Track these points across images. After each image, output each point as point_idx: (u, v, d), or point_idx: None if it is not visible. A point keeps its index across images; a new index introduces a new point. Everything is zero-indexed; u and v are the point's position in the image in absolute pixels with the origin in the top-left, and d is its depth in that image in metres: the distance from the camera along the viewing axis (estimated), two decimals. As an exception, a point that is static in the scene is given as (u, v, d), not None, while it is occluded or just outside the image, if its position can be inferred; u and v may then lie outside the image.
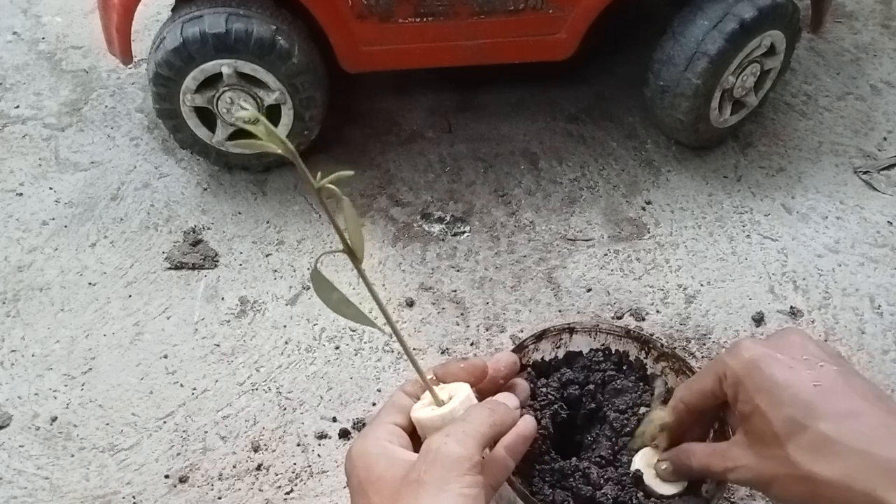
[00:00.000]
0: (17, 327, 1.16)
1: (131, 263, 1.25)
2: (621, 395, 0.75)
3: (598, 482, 0.68)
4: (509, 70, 1.37)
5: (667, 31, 1.29)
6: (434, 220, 1.32)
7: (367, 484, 0.50)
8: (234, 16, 1.18)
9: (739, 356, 0.53)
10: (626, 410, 0.74)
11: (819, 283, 1.23)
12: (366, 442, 0.52)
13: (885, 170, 1.43)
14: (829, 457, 0.47)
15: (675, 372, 0.77)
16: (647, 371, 0.78)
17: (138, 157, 1.43)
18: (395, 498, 0.47)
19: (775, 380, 0.51)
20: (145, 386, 1.09)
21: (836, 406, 0.48)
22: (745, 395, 0.52)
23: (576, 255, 1.27)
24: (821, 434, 0.47)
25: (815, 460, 0.47)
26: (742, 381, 0.52)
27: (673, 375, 0.77)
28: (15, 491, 0.98)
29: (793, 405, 0.49)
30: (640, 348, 0.79)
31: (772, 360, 0.52)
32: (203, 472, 1.00)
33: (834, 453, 0.47)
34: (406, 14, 1.22)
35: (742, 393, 0.52)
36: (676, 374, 0.76)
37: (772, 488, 0.51)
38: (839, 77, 1.62)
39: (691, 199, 1.36)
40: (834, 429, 0.47)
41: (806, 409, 0.49)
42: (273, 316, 1.18)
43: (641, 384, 0.77)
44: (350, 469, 0.52)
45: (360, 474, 0.51)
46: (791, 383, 0.50)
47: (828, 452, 0.47)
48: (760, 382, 0.51)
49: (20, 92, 1.56)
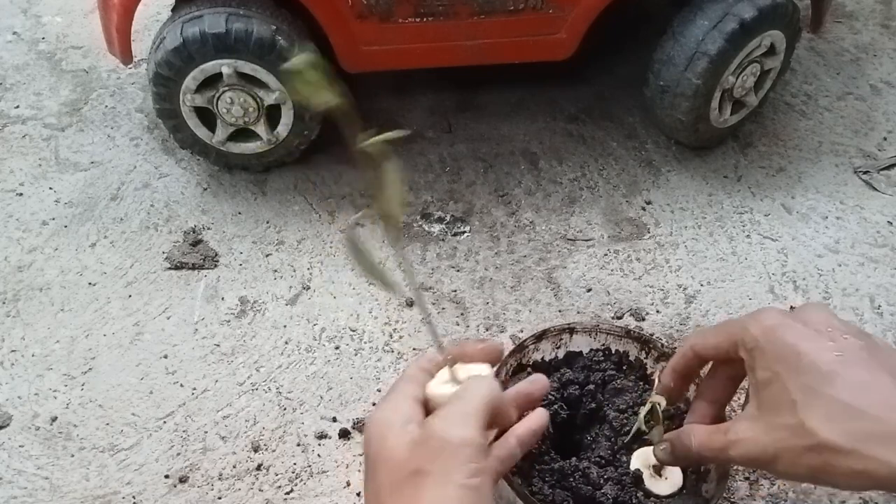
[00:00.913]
0: (17, 327, 1.16)
1: (131, 263, 1.25)
2: (621, 394, 0.76)
3: (597, 482, 0.68)
4: (509, 70, 1.37)
5: (667, 31, 1.29)
6: (434, 220, 1.32)
7: (378, 459, 0.49)
8: (234, 16, 1.18)
9: (761, 322, 0.52)
10: (626, 410, 0.74)
11: (819, 283, 1.23)
12: (382, 412, 0.51)
13: (885, 170, 1.43)
14: (845, 424, 0.45)
15: None
16: (647, 371, 0.78)
17: (138, 157, 1.43)
18: (400, 487, 0.47)
19: (797, 348, 0.49)
20: (145, 386, 1.09)
21: (856, 375, 0.47)
22: (763, 361, 0.50)
23: (576, 255, 1.27)
24: (839, 402, 0.46)
25: (832, 428, 0.46)
26: (762, 347, 0.51)
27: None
28: (15, 491, 0.98)
29: (812, 373, 0.48)
30: (640, 348, 0.79)
31: (794, 329, 0.50)
32: (203, 472, 1.00)
33: (851, 420, 0.45)
34: (406, 14, 1.22)
35: (760, 359, 0.51)
36: None
37: (778, 462, 0.49)
38: (839, 77, 1.62)
39: (691, 199, 1.36)
40: (852, 396, 0.46)
41: (825, 377, 0.47)
42: (273, 316, 1.18)
43: (641, 384, 0.77)
44: (366, 439, 0.51)
45: (374, 445, 0.50)
46: (812, 351, 0.49)
47: (845, 420, 0.46)
48: (781, 349, 0.50)
49: (20, 92, 1.56)
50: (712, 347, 0.57)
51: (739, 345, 0.53)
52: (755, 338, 0.51)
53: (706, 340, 0.58)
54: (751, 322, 0.52)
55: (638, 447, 0.71)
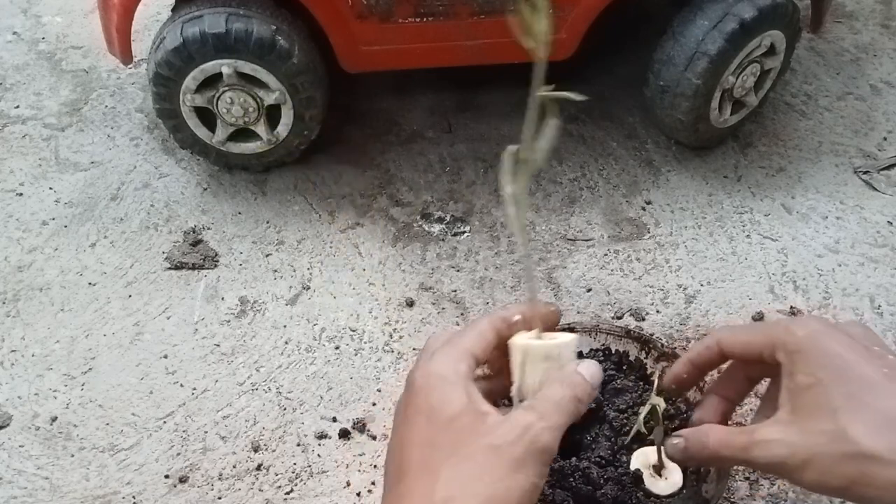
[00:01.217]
0: (17, 327, 1.16)
1: (131, 263, 1.25)
2: (621, 394, 0.76)
3: (598, 482, 0.68)
4: (509, 70, 1.37)
5: (667, 31, 1.29)
6: (434, 220, 1.32)
7: (426, 411, 0.46)
8: (234, 16, 1.18)
9: (807, 327, 0.51)
10: (626, 410, 0.74)
11: (819, 283, 1.23)
12: (438, 364, 0.48)
13: (885, 170, 1.43)
14: (890, 436, 0.45)
15: None
16: (647, 371, 0.78)
17: (138, 157, 1.43)
18: (459, 445, 0.45)
19: (844, 357, 0.48)
20: (145, 386, 1.09)
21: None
22: (806, 366, 0.49)
23: (576, 255, 1.27)
24: (884, 413, 0.46)
25: (875, 438, 0.45)
26: (806, 352, 0.50)
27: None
28: (15, 491, 0.98)
29: (859, 383, 0.47)
30: (640, 348, 0.79)
31: (842, 339, 0.50)
32: (203, 472, 1.00)
33: (893, 431, 0.45)
34: (406, 14, 1.22)
35: (802, 363, 0.50)
36: None
37: (808, 468, 0.47)
38: (839, 77, 1.62)
39: (691, 199, 1.36)
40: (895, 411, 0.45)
41: (872, 389, 0.47)
42: (273, 316, 1.18)
43: (641, 384, 0.77)
44: (409, 392, 0.48)
45: (420, 397, 0.47)
46: (860, 363, 0.48)
47: (889, 431, 0.45)
48: (827, 356, 0.49)
49: (20, 92, 1.56)
50: (742, 344, 0.55)
51: (779, 347, 0.51)
52: (799, 341, 0.50)
53: (736, 337, 0.56)
54: (796, 326, 0.51)
55: (638, 447, 0.71)
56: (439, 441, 0.45)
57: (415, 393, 0.48)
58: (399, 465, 0.47)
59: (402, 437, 0.48)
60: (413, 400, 0.48)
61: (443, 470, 0.44)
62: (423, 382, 0.48)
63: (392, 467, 0.48)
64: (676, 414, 0.74)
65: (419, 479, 0.45)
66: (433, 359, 0.49)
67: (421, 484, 0.45)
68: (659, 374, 0.74)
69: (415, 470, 0.46)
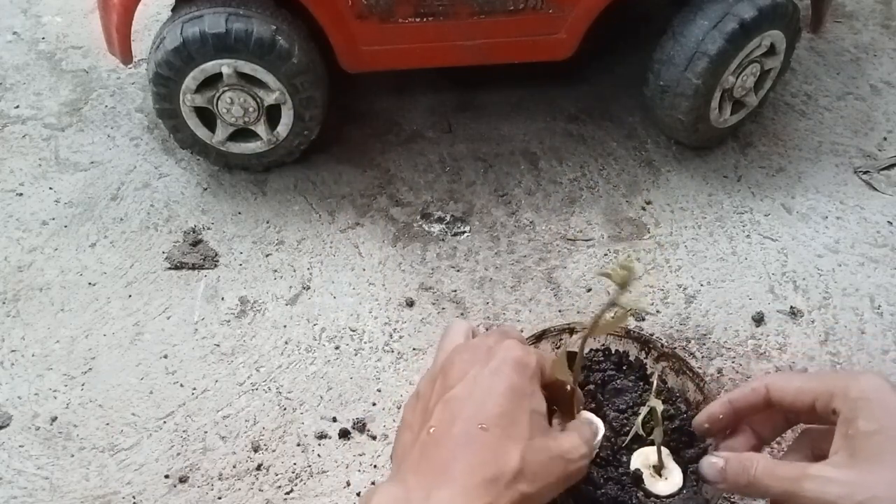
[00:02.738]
0: (17, 327, 1.16)
1: (131, 263, 1.25)
2: (621, 395, 0.76)
3: (598, 482, 0.68)
4: (509, 70, 1.37)
5: (667, 31, 1.29)
6: (434, 220, 1.32)
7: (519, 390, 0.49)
8: (234, 16, 1.18)
9: (870, 379, 0.52)
10: (626, 410, 0.74)
11: (819, 283, 1.23)
12: (531, 355, 0.52)
13: (885, 170, 1.43)
14: None
15: (675, 372, 0.77)
16: (647, 371, 0.78)
17: (138, 157, 1.43)
18: (535, 434, 0.48)
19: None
20: (145, 386, 1.09)
21: None
22: (869, 414, 0.50)
23: (576, 255, 1.27)
24: None
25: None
26: (869, 399, 0.51)
27: (673, 375, 0.77)
28: (15, 491, 0.98)
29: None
30: (640, 348, 0.79)
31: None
32: (203, 472, 1.00)
33: None
34: (406, 14, 1.22)
35: (865, 411, 0.50)
36: (676, 374, 0.76)
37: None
38: (839, 77, 1.62)
39: (691, 199, 1.36)
40: None
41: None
42: (273, 316, 1.18)
43: (641, 384, 0.77)
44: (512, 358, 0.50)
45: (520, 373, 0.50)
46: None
47: None
48: (891, 405, 0.50)
49: (20, 92, 1.56)
50: (795, 391, 0.55)
51: (838, 395, 0.52)
52: (863, 390, 0.51)
53: (789, 384, 0.56)
54: (859, 377, 0.52)
55: (638, 447, 0.71)
56: (520, 421, 0.48)
57: (515, 369, 0.50)
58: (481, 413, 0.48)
59: (491, 387, 0.49)
60: (512, 375, 0.50)
61: (520, 449, 0.47)
62: (522, 365, 0.50)
63: (470, 412, 0.48)
64: (676, 414, 0.74)
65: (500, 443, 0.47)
66: (525, 349, 0.52)
67: (495, 449, 0.46)
68: (659, 374, 0.74)
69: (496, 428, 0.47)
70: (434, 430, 0.47)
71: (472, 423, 0.47)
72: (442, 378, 0.50)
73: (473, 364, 0.50)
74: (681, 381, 0.77)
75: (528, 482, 0.46)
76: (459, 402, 0.48)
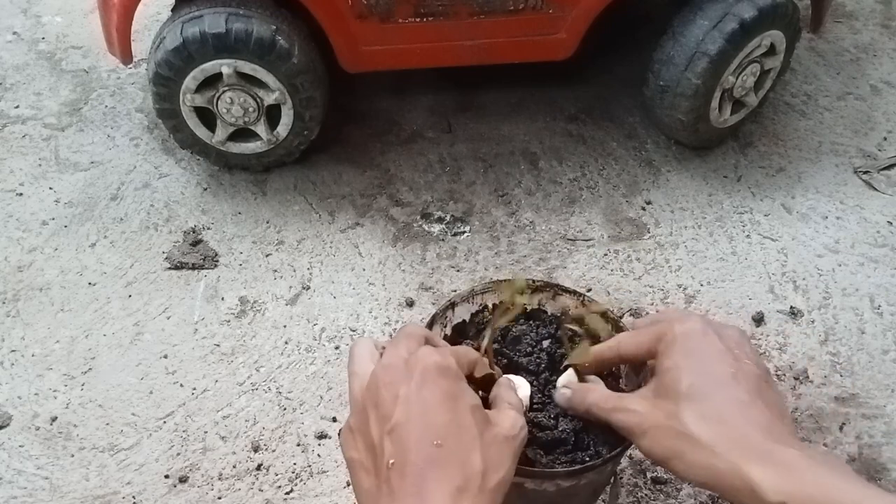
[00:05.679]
0: (17, 327, 1.16)
1: (131, 263, 1.25)
2: (521, 341, 0.75)
3: (549, 424, 0.68)
4: (509, 70, 1.37)
5: (667, 31, 1.29)
6: (434, 220, 1.32)
7: (452, 396, 0.50)
8: (234, 16, 1.18)
9: (685, 324, 0.59)
10: (532, 352, 0.74)
11: (819, 283, 1.23)
12: (448, 359, 0.53)
13: (885, 170, 1.43)
14: (710, 424, 0.53)
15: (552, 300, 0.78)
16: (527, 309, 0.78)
17: (138, 157, 1.43)
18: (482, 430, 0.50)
19: (702, 353, 0.57)
20: (145, 386, 1.09)
21: (738, 394, 0.54)
22: (672, 354, 0.58)
23: (576, 255, 1.27)
24: (716, 407, 0.53)
25: (698, 424, 0.53)
26: (676, 342, 0.58)
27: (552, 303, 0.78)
28: (15, 491, 0.98)
29: (705, 377, 0.55)
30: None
31: (708, 338, 0.58)
32: (203, 472, 1.00)
33: (718, 425, 0.53)
34: (406, 14, 1.22)
35: (670, 351, 0.58)
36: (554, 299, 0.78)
37: (645, 437, 0.56)
38: (839, 77, 1.62)
39: (691, 199, 1.36)
40: (728, 409, 0.53)
41: (712, 386, 0.55)
42: (273, 316, 1.18)
43: (532, 322, 0.77)
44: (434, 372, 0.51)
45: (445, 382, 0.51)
46: (713, 361, 0.56)
47: (711, 422, 0.53)
48: (690, 349, 0.57)
49: (20, 92, 1.56)
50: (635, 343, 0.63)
51: (661, 338, 0.60)
52: (675, 335, 0.59)
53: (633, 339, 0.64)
54: (677, 323, 0.60)
55: (556, 379, 0.71)
56: (466, 424, 0.50)
57: (440, 374, 0.51)
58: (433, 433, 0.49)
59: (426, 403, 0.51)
60: (440, 382, 0.51)
61: (478, 448, 0.49)
62: (444, 368, 0.52)
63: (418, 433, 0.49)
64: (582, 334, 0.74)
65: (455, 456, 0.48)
66: (440, 352, 0.53)
67: (457, 459, 0.48)
68: (564, 310, 0.76)
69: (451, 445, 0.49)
70: (393, 462, 0.47)
71: (425, 443, 0.47)
72: (374, 409, 0.50)
73: (398, 385, 0.50)
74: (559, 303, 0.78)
75: (494, 474, 0.49)
76: (404, 428, 0.48)
